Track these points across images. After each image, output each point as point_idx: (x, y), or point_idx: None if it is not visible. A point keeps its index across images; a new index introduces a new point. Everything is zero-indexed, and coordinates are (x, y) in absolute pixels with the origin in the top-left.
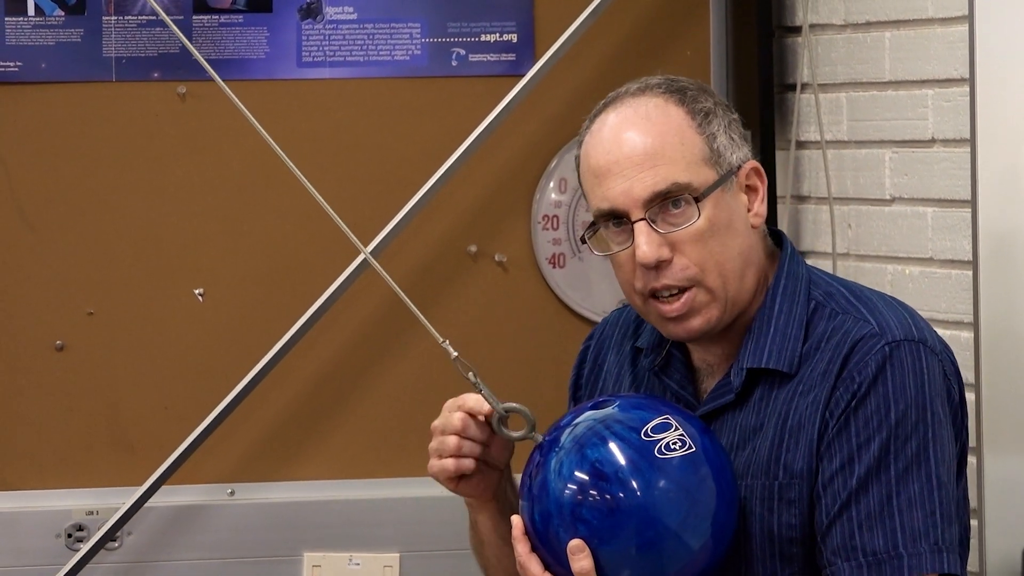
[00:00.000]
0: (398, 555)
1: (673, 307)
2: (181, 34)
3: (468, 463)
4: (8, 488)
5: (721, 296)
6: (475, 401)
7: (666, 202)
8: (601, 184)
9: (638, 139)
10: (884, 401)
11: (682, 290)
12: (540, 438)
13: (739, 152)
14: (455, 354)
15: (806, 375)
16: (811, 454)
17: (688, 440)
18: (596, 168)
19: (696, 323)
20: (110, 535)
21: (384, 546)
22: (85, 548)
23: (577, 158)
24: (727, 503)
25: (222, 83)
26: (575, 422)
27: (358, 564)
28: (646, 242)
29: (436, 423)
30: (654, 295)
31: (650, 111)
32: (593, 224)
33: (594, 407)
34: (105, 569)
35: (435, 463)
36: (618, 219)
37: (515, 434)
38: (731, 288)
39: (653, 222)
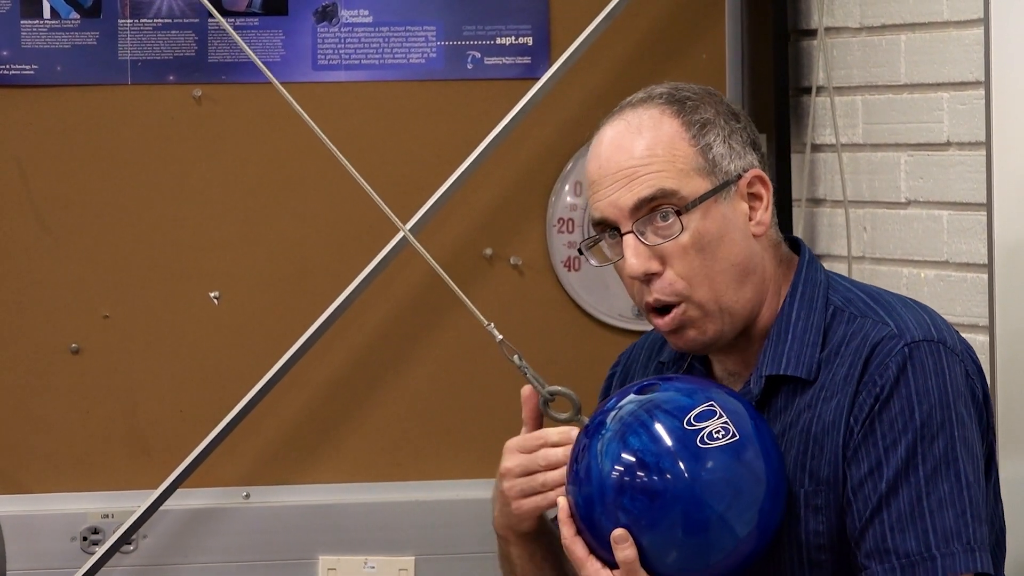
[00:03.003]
0: (413, 558)
1: (664, 321)
2: (242, 41)
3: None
4: (24, 491)
5: (713, 309)
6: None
7: (654, 214)
8: (594, 195)
9: (627, 151)
10: (908, 402)
11: (673, 305)
12: (586, 420)
13: (741, 161)
14: (500, 337)
15: (827, 381)
16: (837, 460)
17: (732, 428)
18: (590, 179)
19: (691, 335)
20: (125, 538)
21: (399, 549)
22: (100, 551)
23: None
24: (773, 492)
25: (280, 86)
26: (620, 404)
27: (373, 567)
28: (633, 255)
29: (518, 464)
30: (652, 309)
31: (643, 123)
32: (595, 236)
33: (639, 391)
34: (120, 572)
35: (540, 500)
36: (613, 231)
37: (561, 416)
38: (725, 301)
39: (642, 234)
